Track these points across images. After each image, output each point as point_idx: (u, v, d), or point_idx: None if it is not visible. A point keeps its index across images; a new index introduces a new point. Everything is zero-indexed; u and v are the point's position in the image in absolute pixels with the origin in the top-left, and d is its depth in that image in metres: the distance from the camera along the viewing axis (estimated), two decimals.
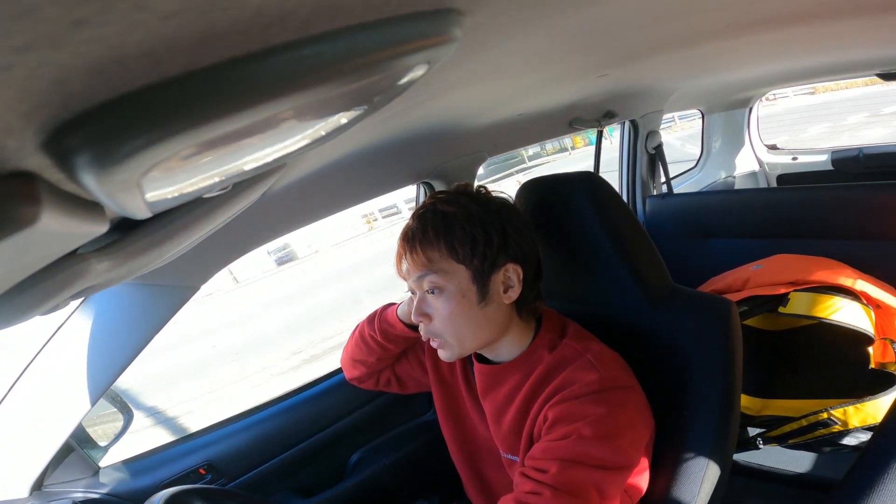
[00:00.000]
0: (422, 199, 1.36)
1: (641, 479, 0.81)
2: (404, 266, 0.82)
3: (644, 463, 0.81)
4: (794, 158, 2.82)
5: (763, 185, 2.88)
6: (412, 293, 0.84)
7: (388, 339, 0.98)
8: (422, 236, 0.79)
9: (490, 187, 0.86)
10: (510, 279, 0.80)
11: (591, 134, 1.91)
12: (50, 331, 0.89)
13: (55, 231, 0.26)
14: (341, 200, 1.09)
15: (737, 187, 2.81)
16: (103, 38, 0.16)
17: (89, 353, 0.88)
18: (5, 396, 0.86)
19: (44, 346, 0.88)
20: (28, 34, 0.14)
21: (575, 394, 0.75)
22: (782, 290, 1.40)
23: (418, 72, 0.31)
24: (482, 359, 0.89)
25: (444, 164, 1.24)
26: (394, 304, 0.99)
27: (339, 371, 1.28)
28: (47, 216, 0.23)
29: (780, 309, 1.38)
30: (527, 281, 0.82)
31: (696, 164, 2.88)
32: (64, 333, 0.88)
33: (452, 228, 0.78)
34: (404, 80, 0.32)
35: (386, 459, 1.24)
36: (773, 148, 2.93)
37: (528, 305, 0.84)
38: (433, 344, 0.84)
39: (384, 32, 0.26)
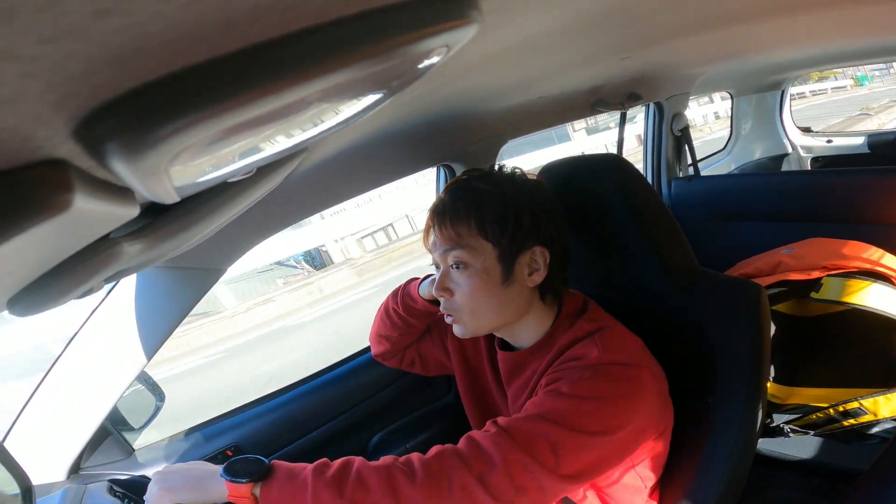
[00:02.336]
0: (442, 182, 1.36)
1: (650, 463, 0.80)
2: (432, 238, 0.82)
3: (652, 445, 0.78)
4: (829, 141, 2.73)
5: (795, 168, 2.80)
6: (436, 267, 0.84)
7: (409, 314, 0.99)
8: (452, 211, 0.79)
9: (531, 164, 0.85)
10: (536, 262, 0.80)
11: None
12: (83, 316, 0.92)
13: (88, 216, 0.27)
14: (361, 183, 1.10)
15: (767, 170, 2.73)
16: (126, 27, 0.17)
17: (121, 337, 0.91)
18: (42, 382, 0.90)
19: (77, 331, 0.91)
20: (53, 25, 0.15)
21: (571, 366, 0.75)
22: (815, 275, 1.35)
23: (437, 55, 0.31)
24: (505, 345, 0.89)
25: (465, 146, 1.24)
26: (417, 278, 1.00)
27: (359, 354, 1.30)
28: (80, 202, 0.24)
29: (812, 294, 1.34)
30: (553, 265, 0.81)
31: (725, 147, 2.80)
32: (96, 318, 0.91)
33: (484, 206, 0.78)
34: (423, 64, 0.32)
35: (406, 442, 1.26)
36: (806, 130, 2.83)
37: (553, 290, 0.84)
38: (448, 319, 0.84)
39: (402, 16, 0.25)
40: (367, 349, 1.25)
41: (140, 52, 0.19)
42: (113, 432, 1.00)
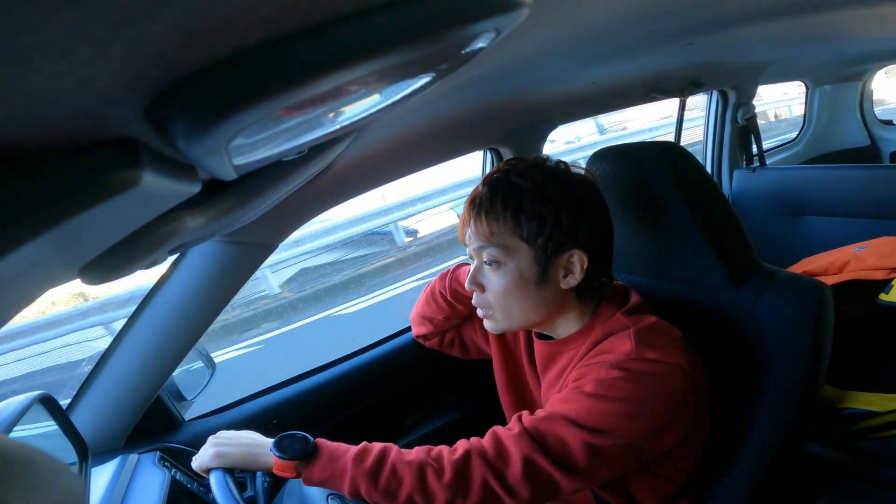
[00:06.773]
0: (488, 166, 1.35)
1: (680, 457, 0.78)
2: (467, 232, 0.80)
3: (682, 441, 0.75)
4: None
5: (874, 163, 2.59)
6: (471, 258, 0.83)
7: (456, 299, 0.99)
8: (489, 206, 0.77)
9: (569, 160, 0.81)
10: (573, 265, 0.77)
11: None
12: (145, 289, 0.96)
13: (155, 191, 0.29)
14: (408, 166, 1.11)
15: (843, 164, 2.54)
16: (190, 10, 0.18)
17: (179, 308, 0.96)
18: (106, 352, 0.96)
19: (140, 304, 0.96)
20: (124, 8, 0.16)
21: (602, 360, 0.73)
22: (886, 276, 1.26)
23: (486, 39, 0.31)
24: (542, 335, 0.89)
25: (513, 131, 1.22)
26: (467, 263, 0.99)
27: (396, 335, 1.32)
28: (148, 178, 0.26)
29: (881, 296, 1.25)
30: (591, 268, 0.78)
31: (796, 138, 2.62)
32: (157, 291, 0.96)
33: (522, 203, 0.75)
34: (472, 47, 0.32)
35: (438, 422, 1.28)
36: (888, 123, 2.61)
37: (591, 290, 0.81)
38: (480, 313, 0.83)
39: None
40: (403, 331, 1.28)
41: (203, 35, 0.20)
42: (167, 402, 1.05)
